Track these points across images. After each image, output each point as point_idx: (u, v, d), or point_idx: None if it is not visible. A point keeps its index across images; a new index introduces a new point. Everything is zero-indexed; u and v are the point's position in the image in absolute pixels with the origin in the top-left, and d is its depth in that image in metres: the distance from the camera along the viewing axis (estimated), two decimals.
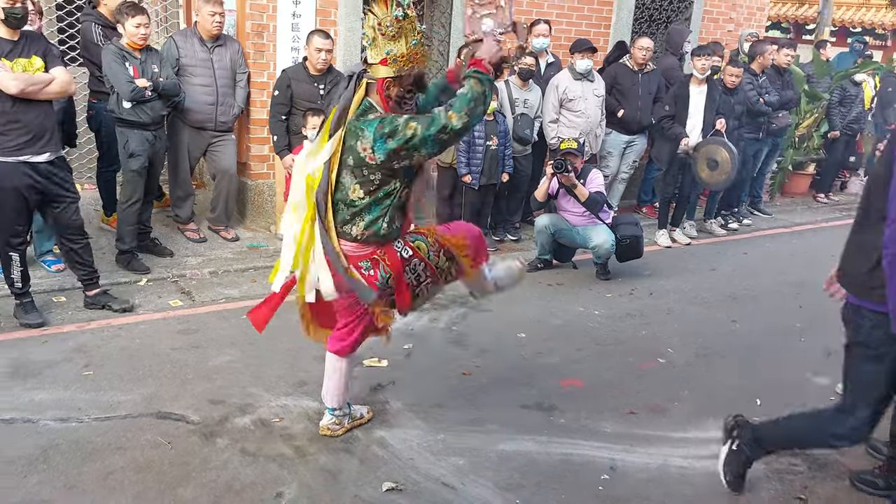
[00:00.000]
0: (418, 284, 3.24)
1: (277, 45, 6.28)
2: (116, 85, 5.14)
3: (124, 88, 5.10)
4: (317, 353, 4.37)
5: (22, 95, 4.11)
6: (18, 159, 4.17)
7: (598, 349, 4.77)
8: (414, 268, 3.20)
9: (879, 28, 18.46)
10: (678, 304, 5.66)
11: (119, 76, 5.10)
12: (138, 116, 5.23)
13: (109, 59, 5.11)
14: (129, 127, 5.26)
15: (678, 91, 6.99)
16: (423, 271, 3.23)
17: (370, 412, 3.71)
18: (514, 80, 6.67)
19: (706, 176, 6.92)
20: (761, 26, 9.82)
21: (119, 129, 5.30)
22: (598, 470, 3.40)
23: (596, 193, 5.83)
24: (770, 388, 4.32)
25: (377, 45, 2.91)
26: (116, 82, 5.13)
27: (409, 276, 3.20)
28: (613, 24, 8.17)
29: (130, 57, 5.17)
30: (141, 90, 5.14)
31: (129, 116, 5.22)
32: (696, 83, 6.93)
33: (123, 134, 5.30)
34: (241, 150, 6.52)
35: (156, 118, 5.35)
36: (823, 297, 5.29)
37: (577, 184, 5.77)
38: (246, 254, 6.06)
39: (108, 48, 5.15)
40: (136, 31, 5.09)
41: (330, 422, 3.52)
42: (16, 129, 4.14)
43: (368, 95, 3.03)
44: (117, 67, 5.11)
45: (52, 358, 4.11)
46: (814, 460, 3.59)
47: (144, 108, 5.24)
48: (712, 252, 7.25)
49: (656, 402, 4.07)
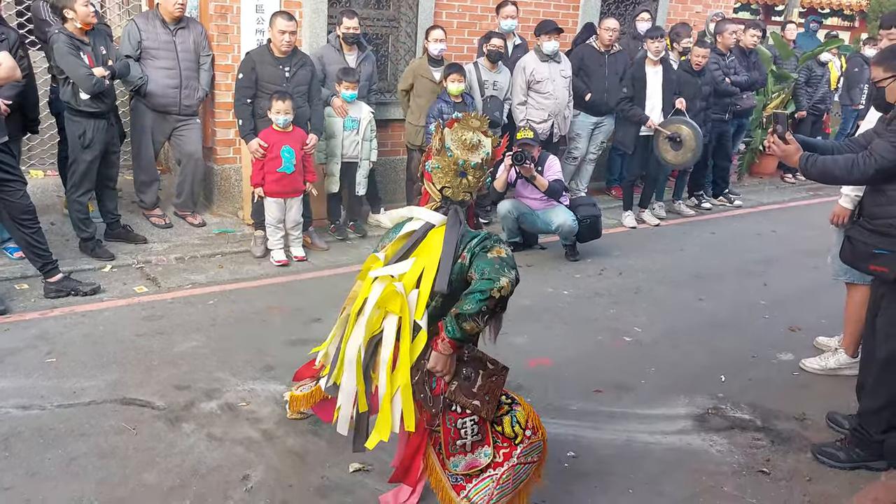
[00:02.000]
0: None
1: (242, 27, 6.18)
2: (76, 78, 4.94)
3: (86, 82, 4.92)
4: (284, 338, 4.37)
5: None
6: None
7: (565, 328, 4.80)
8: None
9: (847, 9, 18.66)
10: (646, 284, 5.71)
11: (78, 69, 4.91)
12: (97, 107, 5.10)
13: (63, 50, 4.88)
14: (87, 117, 5.11)
15: (635, 73, 7.01)
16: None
17: None
18: (482, 62, 6.65)
19: (671, 157, 6.95)
20: (729, 7, 9.87)
21: (74, 120, 5.10)
22: (565, 447, 3.42)
23: (555, 182, 5.88)
24: (734, 365, 4.38)
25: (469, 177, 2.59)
26: (76, 76, 4.92)
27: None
28: (582, 6, 8.17)
29: (83, 45, 5.00)
30: (101, 81, 5.00)
31: (86, 108, 5.06)
32: (651, 64, 6.95)
33: (80, 124, 5.10)
34: (207, 134, 6.44)
35: (112, 105, 5.23)
36: (788, 276, 5.39)
37: (536, 174, 5.80)
38: (213, 239, 6.00)
39: (58, 38, 4.91)
40: (86, 11, 4.90)
41: None
42: None
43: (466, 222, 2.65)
44: (73, 59, 4.90)
45: (14, 345, 4.05)
46: (777, 434, 3.65)
47: (102, 97, 5.11)
48: (680, 232, 7.32)
49: (622, 380, 4.11)
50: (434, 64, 6.44)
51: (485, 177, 2.64)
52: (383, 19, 7.05)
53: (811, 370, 4.36)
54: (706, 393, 4.02)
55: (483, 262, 2.41)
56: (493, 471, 2.60)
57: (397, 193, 7.19)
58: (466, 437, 2.62)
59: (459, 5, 7.32)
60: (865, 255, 3.32)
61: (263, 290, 5.09)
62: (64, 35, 4.90)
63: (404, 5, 7.16)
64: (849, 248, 3.45)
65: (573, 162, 7.64)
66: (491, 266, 2.38)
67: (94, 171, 5.27)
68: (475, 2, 7.39)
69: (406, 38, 7.24)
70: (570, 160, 7.62)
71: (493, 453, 2.61)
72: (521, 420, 2.64)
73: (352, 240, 6.31)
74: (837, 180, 3.31)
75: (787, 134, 3.32)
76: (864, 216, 3.36)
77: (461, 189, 2.59)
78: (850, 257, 3.47)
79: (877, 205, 3.26)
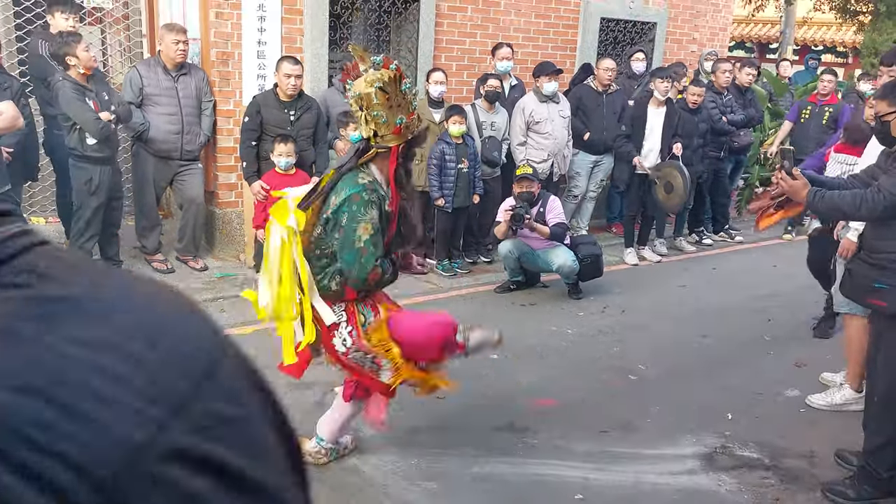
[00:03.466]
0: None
1: (243, 72, 6.27)
2: (84, 124, 4.99)
3: (93, 127, 4.98)
4: (287, 381, 4.31)
5: None
6: None
7: (570, 368, 4.76)
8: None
9: (840, 46, 18.93)
10: (649, 321, 5.68)
11: (85, 114, 4.96)
12: (103, 152, 5.15)
13: (70, 96, 4.94)
14: (94, 163, 5.15)
15: (635, 112, 7.08)
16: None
17: (353, 442, 3.64)
18: (480, 104, 6.72)
19: (663, 198, 6.98)
20: (724, 46, 10.02)
21: (80, 166, 5.15)
22: (572, 489, 3.38)
23: (556, 226, 5.89)
24: (741, 402, 4.34)
25: (389, 117, 2.93)
26: (83, 121, 4.98)
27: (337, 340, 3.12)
28: (579, 47, 8.28)
29: (86, 91, 5.07)
30: (108, 125, 5.06)
31: (93, 153, 5.11)
32: (656, 105, 7.02)
33: (86, 171, 5.15)
34: (209, 178, 6.48)
35: (115, 149, 5.28)
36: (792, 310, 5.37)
37: (536, 226, 5.83)
38: (215, 283, 6.00)
39: (63, 85, 4.98)
40: (88, 56, 4.99)
41: (314, 449, 3.44)
42: None
43: (373, 163, 3.05)
44: (80, 105, 4.96)
45: None
46: (785, 472, 3.60)
47: (107, 143, 5.17)
48: (681, 268, 7.32)
49: (628, 420, 4.07)
50: (434, 106, 6.51)
51: (380, 117, 2.95)
52: None
53: (818, 407, 4.32)
54: (713, 431, 3.98)
55: (345, 237, 2.94)
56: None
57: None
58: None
59: (458, 48, 7.43)
60: (865, 288, 3.32)
61: (266, 334, 5.06)
62: (69, 82, 4.96)
63: (404, 49, 7.27)
64: (848, 282, 3.45)
65: (573, 200, 7.67)
66: (350, 253, 2.94)
67: (99, 218, 5.30)
68: (473, 45, 7.51)
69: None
70: (571, 199, 7.66)
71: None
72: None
73: None
74: (845, 216, 3.32)
75: (794, 170, 3.33)
76: (864, 249, 3.36)
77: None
78: (850, 291, 3.46)
79: (879, 238, 3.26)
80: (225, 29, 6.15)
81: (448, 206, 6.40)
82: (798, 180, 3.30)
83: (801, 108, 8.06)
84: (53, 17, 5.53)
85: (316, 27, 6.48)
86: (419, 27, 7.09)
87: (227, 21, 6.14)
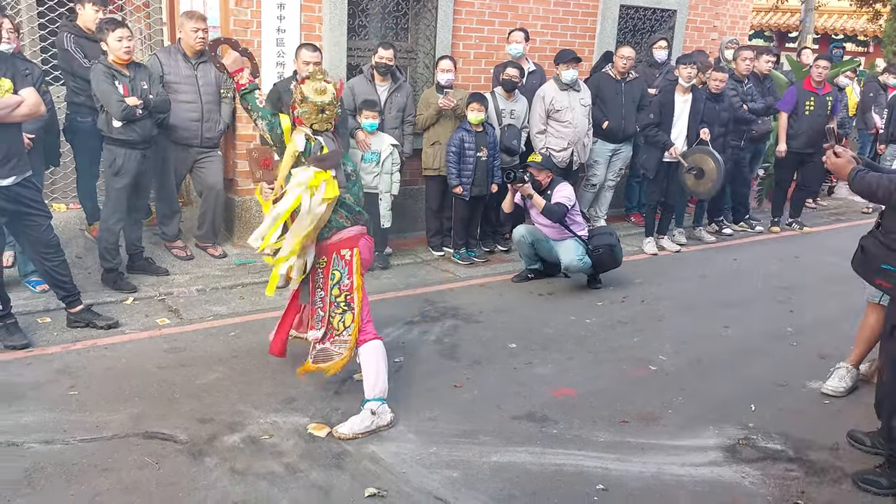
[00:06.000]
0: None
1: (262, 60, 6.25)
2: (107, 104, 5.06)
3: (115, 108, 5.02)
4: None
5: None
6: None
7: (589, 358, 4.74)
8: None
9: (861, 35, 18.67)
10: (669, 311, 5.64)
11: (110, 95, 5.02)
12: (129, 135, 5.17)
13: (99, 78, 5.03)
14: (120, 146, 5.19)
15: (663, 99, 7.01)
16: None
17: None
18: (499, 92, 6.68)
19: (692, 184, 6.95)
20: (744, 34, 9.89)
21: (107, 147, 5.22)
22: (593, 480, 3.36)
23: (554, 204, 5.81)
24: (763, 394, 4.30)
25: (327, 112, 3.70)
26: (107, 102, 5.05)
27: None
28: (598, 35, 8.20)
29: (119, 75, 5.10)
30: (132, 109, 5.07)
31: (119, 135, 5.14)
32: (681, 91, 6.95)
33: (112, 152, 5.21)
34: (228, 166, 6.48)
35: (146, 136, 5.28)
36: (814, 302, 5.31)
37: (533, 193, 5.77)
38: (234, 270, 6.01)
39: (96, 67, 5.06)
40: (119, 45, 5.03)
41: (377, 407, 3.71)
42: None
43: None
44: (107, 87, 5.03)
45: (37, 379, 4.05)
46: (811, 465, 3.57)
47: (135, 127, 5.17)
48: (702, 258, 7.25)
49: (649, 410, 4.04)
50: (441, 92, 6.47)
51: (336, 109, 3.73)
52: (401, 51, 7.10)
53: (833, 392, 4.28)
54: (735, 423, 3.94)
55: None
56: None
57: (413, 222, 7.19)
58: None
59: (476, 36, 7.37)
60: (874, 267, 3.32)
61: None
62: (102, 65, 5.06)
63: (422, 37, 7.22)
64: (860, 258, 3.44)
65: (591, 189, 7.62)
66: None
67: (124, 200, 5.32)
68: (491, 32, 7.45)
69: (424, 69, 7.29)
70: (589, 187, 7.61)
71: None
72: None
73: (373, 270, 6.29)
74: (876, 198, 3.31)
75: (836, 147, 3.38)
76: (882, 227, 3.35)
77: (324, 121, 3.68)
78: (860, 266, 3.46)
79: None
80: (244, 17, 6.14)
81: (466, 195, 6.38)
82: (841, 158, 3.33)
83: (804, 100, 7.89)
84: (83, 8, 5.53)
85: (335, 15, 6.46)
86: (437, 15, 7.04)
87: (247, 9, 6.13)
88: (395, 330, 4.99)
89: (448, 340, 4.89)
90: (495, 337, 4.98)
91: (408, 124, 6.46)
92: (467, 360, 4.62)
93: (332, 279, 3.74)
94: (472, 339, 4.94)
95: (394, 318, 5.15)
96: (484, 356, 4.68)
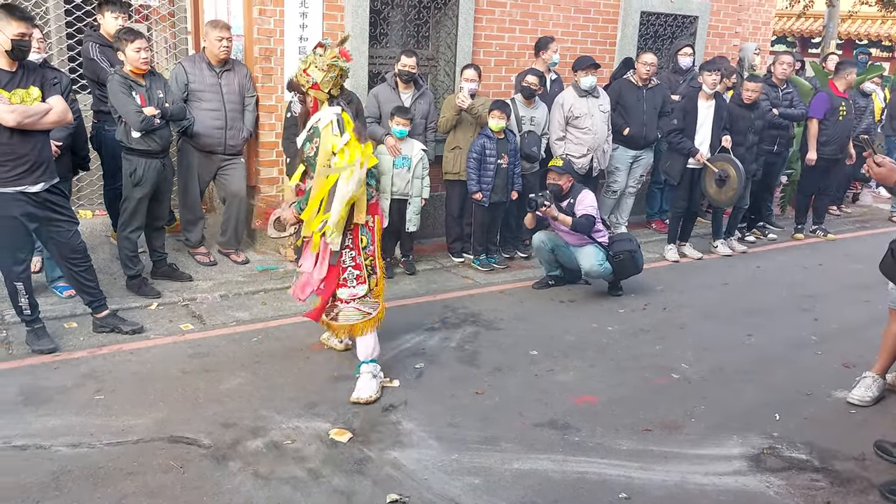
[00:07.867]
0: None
1: (285, 68, 6.31)
2: (125, 115, 5.09)
3: (134, 119, 5.07)
4: (327, 374, 4.37)
5: (19, 127, 4.08)
6: (16, 189, 4.18)
7: (611, 365, 4.72)
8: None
9: (886, 40, 18.47)
10: (692, 319, 5.61)
11: (127, 106, 5.06)
12: (148, 145, 5.21)
13: (116, 88, 5.05)
14: (139, 156, 5.23)
15: (687, 105, 6.98)
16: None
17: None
18: (519, 99, 6.68)
19: (713, 192, 6.91)
20: (767, 40, 9.84)
21: (126, 157, 5.24)
22: (615, 488, 3.34)
23: (581, 217, 5.80)
24: (788, 403, 4.26)
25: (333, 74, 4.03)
26: (125, 113, 5.08)
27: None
28: (619, 41, 8.19)
29: (136, 85, 5.14)
30: (150, 119, 5.13)
31: (138, 146, 5.18)
32: (704, 98, 6.92)
33: (131, 162, 5.24)
34: (251, 173, 6.54)
35: (165, 145, 5.34)
36: (838, 310, 5.25)
37: (558, 215, 5.78)
38: (256, 276, 6.06)
39: (113, 78, 5.09)
40: (136, 56, 5.07)
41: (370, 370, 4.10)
42: (13, 160, 4.13)
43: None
44: (124, 97, 5.06)
45: (64, 383, 4.10)
46: (836, 475, 3.53)
47: (153, 137, 5.22)
48: (724, 266, 7.20)
49: (672, 419, 4.02)
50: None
51: (335, 71, 4.00)
52: (423, 59, 7.14)
53: (859, 402, 4.23)
54: (760, 432, 3.90)
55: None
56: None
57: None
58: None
59: (497, 44, 7.39)
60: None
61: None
62: (119, 75, 5.07)
63: (443, 45, 7.26)
64: (890, 261, 3.40)
65: (612, 196, 7.60)
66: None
67: (143, 209, 5.38)
68: (512, 40, 7.47)
69: (444, 76, 7.32)
70: (610, 194, 7.58)
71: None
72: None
73: (397, 274, 6.31)
74: None
75: (876, 156, 3.40)
76: None
77: (335, 85, 4.01)
78: (889, 269, 3.42)
79: None
80: (268, 25, 6.20)
81: (485, 202, 6.38)
82: (883, 167, 3.36)
83: (836, 106, 7.84)
84: (104, 17, 5.61)
85: (357, 23, 6.51)
86: (458, 23, 7.07)
87: (270, 18, 6.19)
88: (416, 336, 5.00)
89: (469, 347, 4.89)
90: (516, 343, 4.98)
91: (430, 131, 6.49)
92: (488, 366, 4.62)
93: (361, 244, 4.07)
94: (493, 345, 4.94)
95: (414, 325, 5.17)
96: (505, 363, 4.68)
